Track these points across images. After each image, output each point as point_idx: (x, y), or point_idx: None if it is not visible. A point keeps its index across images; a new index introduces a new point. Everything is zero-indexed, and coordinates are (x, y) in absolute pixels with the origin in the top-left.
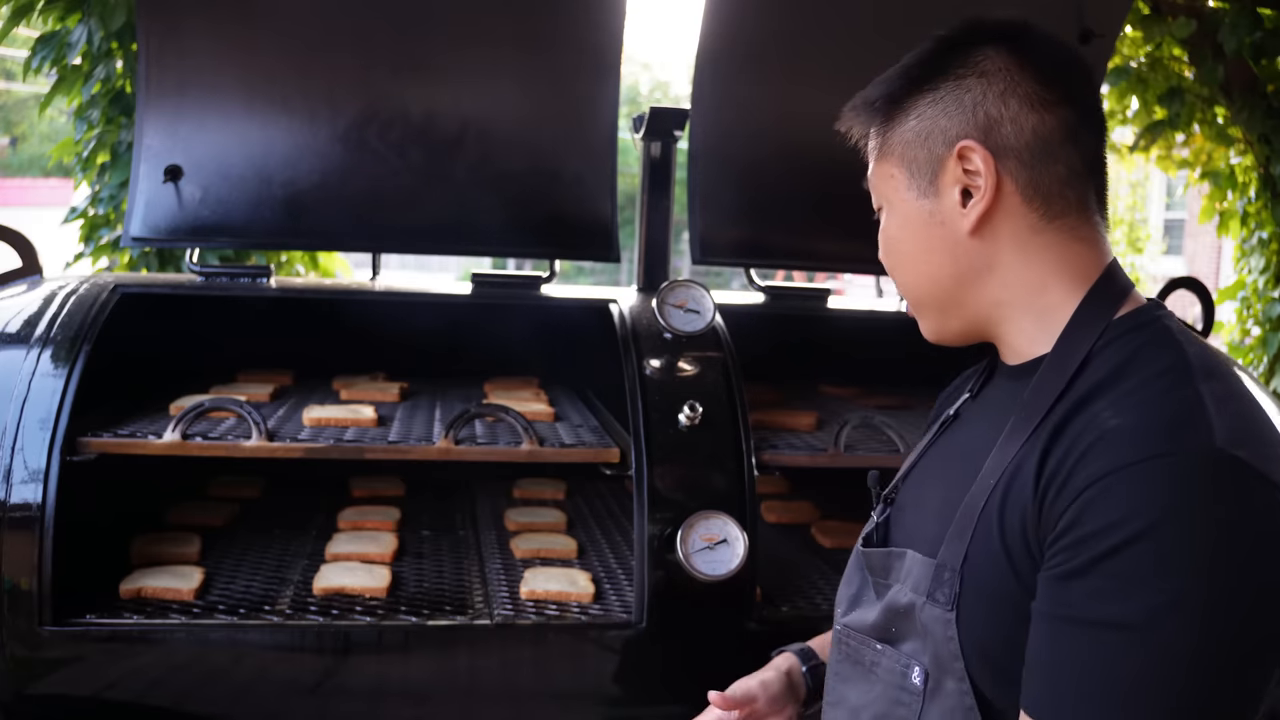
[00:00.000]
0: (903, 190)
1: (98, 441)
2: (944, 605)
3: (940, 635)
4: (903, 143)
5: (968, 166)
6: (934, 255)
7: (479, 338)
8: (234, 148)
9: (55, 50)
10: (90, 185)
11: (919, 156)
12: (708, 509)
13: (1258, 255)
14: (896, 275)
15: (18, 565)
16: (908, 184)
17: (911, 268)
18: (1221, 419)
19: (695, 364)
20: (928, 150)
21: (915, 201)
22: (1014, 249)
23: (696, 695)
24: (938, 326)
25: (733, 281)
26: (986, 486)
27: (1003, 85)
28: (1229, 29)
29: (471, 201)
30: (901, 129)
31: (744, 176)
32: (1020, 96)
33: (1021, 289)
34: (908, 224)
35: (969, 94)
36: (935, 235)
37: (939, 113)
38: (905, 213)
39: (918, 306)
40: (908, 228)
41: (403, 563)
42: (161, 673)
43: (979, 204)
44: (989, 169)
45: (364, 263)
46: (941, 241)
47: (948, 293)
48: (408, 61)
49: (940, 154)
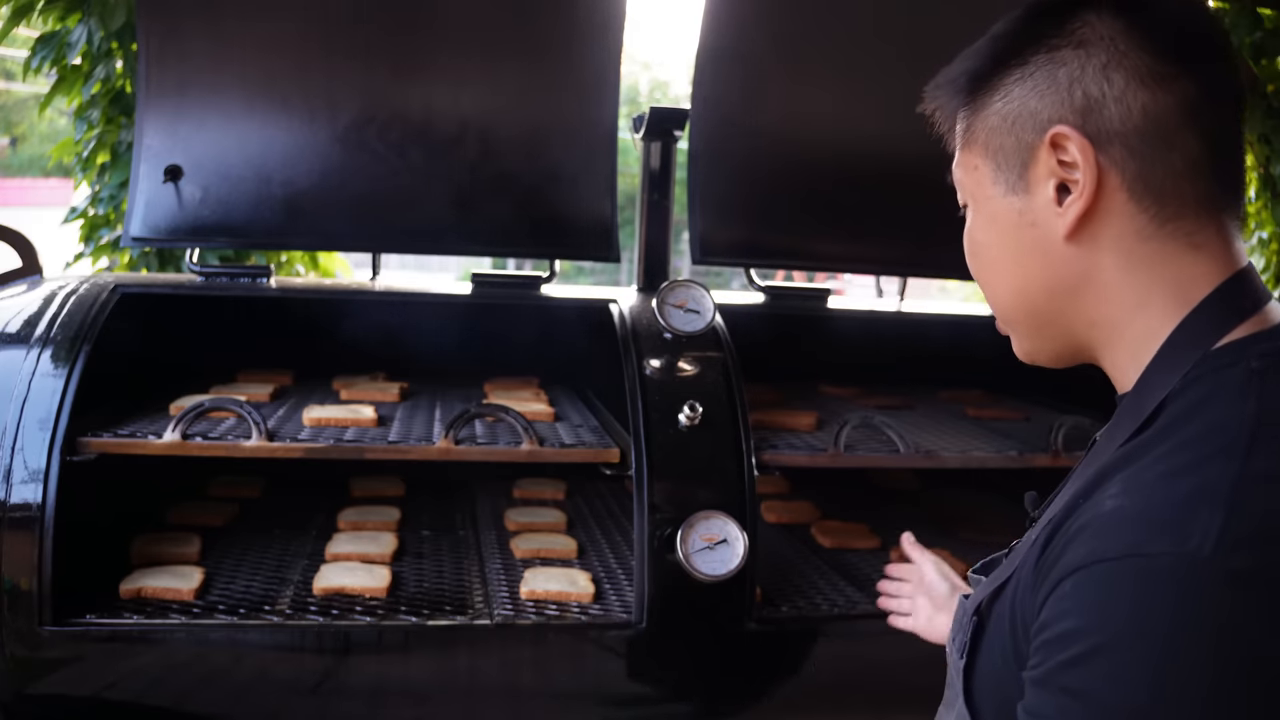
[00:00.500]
0: (988, 185)
1: (98, 441)
2: (957, 651)
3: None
4: (987, 129)
5: (1063, 157)
6: (1024, 263)
7: (479, 338)
8: (234, 148)
9: (55, 50)
10: (90, 185)
11: (1006, 145)
12: (708, 509)
13: (1258, 255)
14: (982, 285)
15: (18, 565)
16: (994, 177)
17: (998, 277)
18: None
19: (695, 364)
20: (1016, 137)
21: (1003, 198)
22: (1116, 258)
23: (696, 695)
24: (1030, 347)
25: (733, 281)
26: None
27: (1105, 57)
28: (1229, 29)
29: (471, 202)
30: (986, 112)
31: (744, 176)
32: (1128, 70)
33: (1120, 308)
34: (994, 225)
35: (1064, 68)
36: (1026, 239)
37: (1028, 92)
38: (992, 212)
39: (1007, 323)
40: (994, 230)
41: (403, 563)
42: (161, 673)
43: (1077, 202)
44: (1088, 160)
45: (364, 263)
46: (1034, 246)
47: (1038, 308)
48: (408, 61)
49: (1030, 141)
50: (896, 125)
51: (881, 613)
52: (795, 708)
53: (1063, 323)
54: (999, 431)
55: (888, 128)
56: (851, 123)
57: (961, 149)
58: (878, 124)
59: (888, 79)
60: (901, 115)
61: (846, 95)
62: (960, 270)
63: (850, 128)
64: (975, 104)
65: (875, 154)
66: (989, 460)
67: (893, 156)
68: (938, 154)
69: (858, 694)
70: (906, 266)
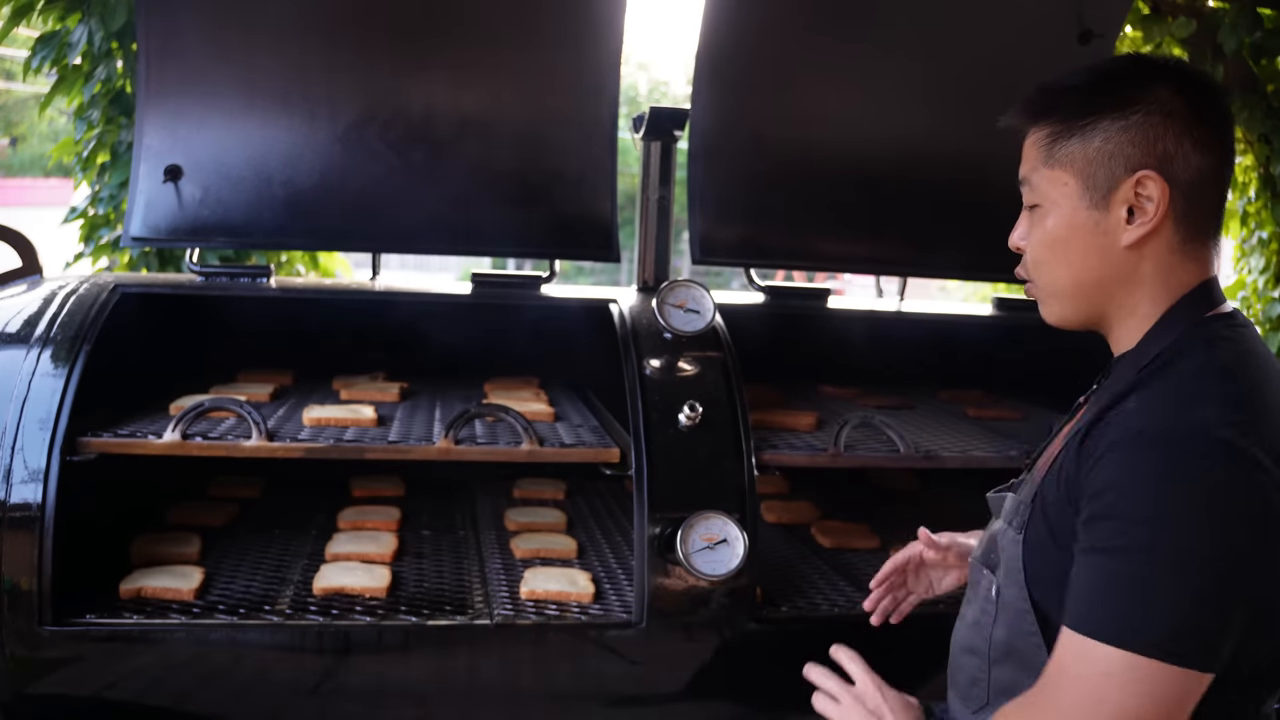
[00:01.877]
0: (1074, 198)
1: (98, 441)
2: (1016, 529)
3: (1012, 553)
4: (1085, 159)
5: (1141, 191)
6: (1088, 259)
7: (479, 338)
8: (234, 148)
9: (55, 50)
10: (90, 185)
11: (1098, 174)
12: (708, 509)
13: (1258, 255)
14: (1043, 268)
15: (18, 565)
16: (1080, 194)
17: (1062, 265)
18: (1217, 409)
19: (695, 364)
20: (1108, 170)
21: (1085, 210)
22: (1154, 264)
23: (696, 695)
24: (1061, 313)
25: (733, 281)
26: (1059, 446)
27: (1181, 126)
28: (1229, 29)
29: (471, 201)
30: (1085, 146)
31: (744, 176)
32: (1194, 139)
33: (1141, 296)
34: (1071, 228)
35: (1154, 129)
36: (1094, 242)
37: (1126, 141)
38: (1072, 218)
39: (1053, 295)
40: (1070, 231)
41: (403, 563)
42: (161, 673)
43: (1145, 225)
44: (1163, 198)
45: (364, 263)
46: (1099, 249)
47: (1085, 292)
48: (408, 61)
49: (1119, 176)
50: (897, 125)
51: None
52: (795, 708)
53: (1099, 301)
54: (999, 431)
55: (888, 128)
56: (851, 123)
57: (1050, 165)
58: (878, 124)
59: (888, 79)
60: (901, 115)
61: (846, 95)
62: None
63: (850, 128)
64: (1072, 136)
65: (875, 154)
66: (989, 460)
67: (893, 157)
68: (937, 155)
69: None
70: (906, 266)
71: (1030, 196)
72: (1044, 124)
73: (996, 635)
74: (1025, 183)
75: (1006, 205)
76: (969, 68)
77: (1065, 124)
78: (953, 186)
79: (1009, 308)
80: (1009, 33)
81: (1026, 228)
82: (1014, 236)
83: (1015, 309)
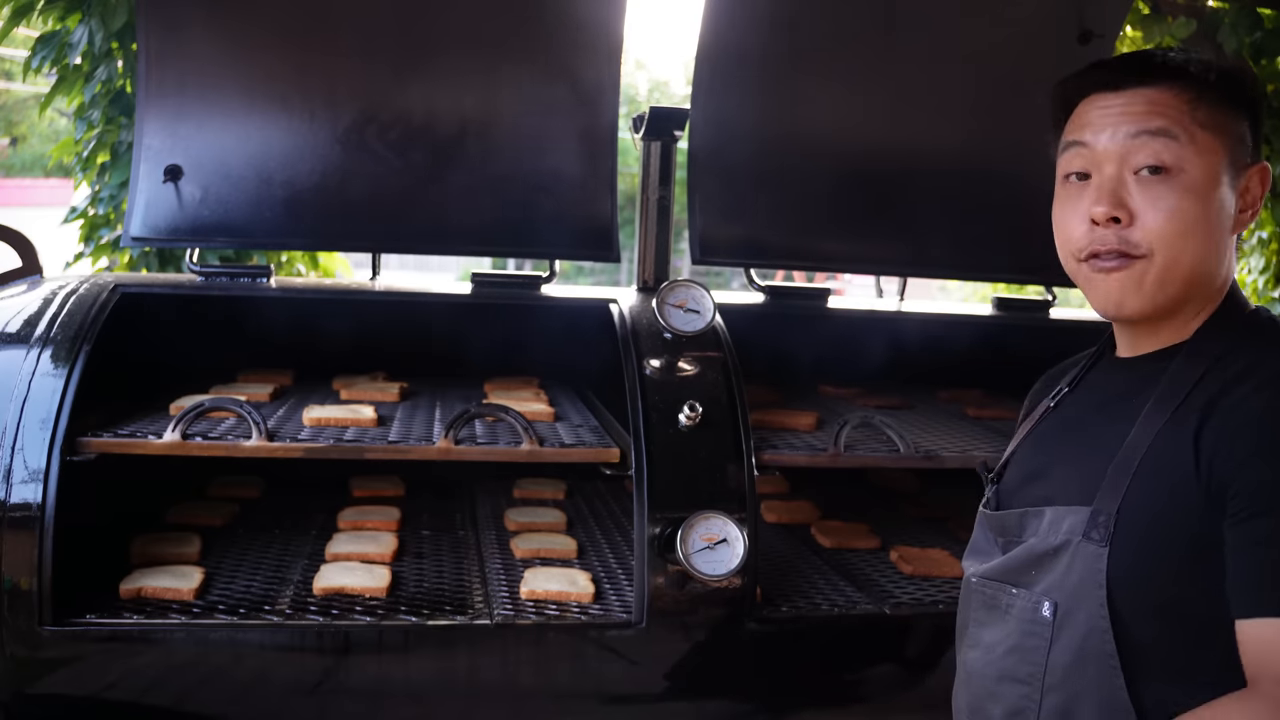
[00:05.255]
0: (1220, 172)
1: (98, 441)
2: (1099, 542)
3: (1090, 568)
4: (1234, 135)
5: (1249, 184)
6: (1213, 238)
7: (479, 338)
8: (234, 148)
9: (55, 50)
10: (90, 185)
11: (1238, 154)
12: (708, 509)
13: (1258, 255)
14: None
15: (18, 565)
16: (1223, 170)
17: (1193, 238)
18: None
19: (695, 364)
20: (1242, 153)
21: (1223, 187)
22: (1230, 257)
23: (696, 695)
24: (1154, 299)
25: (733, 281)
26: (1138, 450)
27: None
28: (1229, 29)
29: (471, 201)
30: (1233, 121)
31: (744, 176)
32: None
33: (1215, 289)
34: (1212, 202)
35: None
36: (1221, 221)
37: (1247, 131)
38: (1215, 193)
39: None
40: (1211, 204)
41: (403, 563)
42: (161, 673)
43: (1254, 217)
44: (1265, 192)
45: (364, 263)
46: (1221, 230)
47: (1192, 268)
48: (408, 61)
49: (1246, 164)
50: (897, 125)
51: (882, 613)
52: (795, 708)
53: (1194, 287)
54: (999, 431)
55: (888, 128)
56: (851, 123)
57: (1199, 126)
58: (878, 124)
59: (888, 79)
60: (902, 115)
61: (846, 95)
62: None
63: (850, 128)
64: (1221, 105)
65: (875, 154)
66: (989, 460)
67: (893, 157)
68: (937, 155)
69: (858, 694)
70: (906, 266)
71: (1169, 155)
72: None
73: (1056, 659)
74: (1160, 136)
75: (1007, 205)
76: (969, 68)
77: (1213, 96)
78: (953, 186)
79: (1009, 308)
80: (1009, 33)
81: (1140, 194)
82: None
83: (1015, 309)
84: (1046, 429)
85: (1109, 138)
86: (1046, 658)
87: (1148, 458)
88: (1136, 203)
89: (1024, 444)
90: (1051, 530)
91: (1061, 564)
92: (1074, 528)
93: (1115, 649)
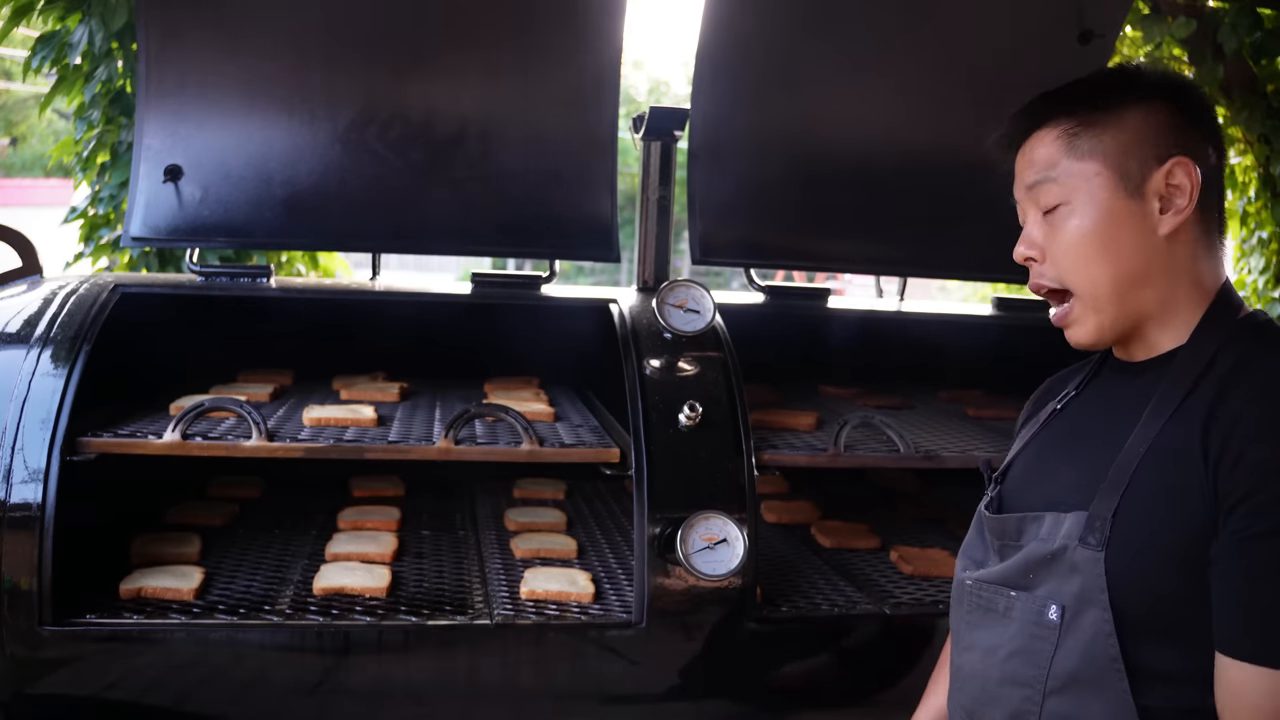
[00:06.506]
0: (1110, 189)
1: (98, 441)
2: (1095, 547)
3: (1090, 572)
4: (1117, 148)
5: (1172, 180)
6: (1125, 251)
7: (479, 338)
8: (234, 148)
9: (55, 50)
10: (90, 185)
11: (1131, 164)
12: (708, 509)
13: (1258, 255)
14: (1080, 270)
15: (18, 565)
16: (1116, 185)
17: (1104, 262)
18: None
19: (695, 364)
20: (1140, 159)
21: (1122, 201)
22: (1187, 256)
23: (696, 695)
24: (1100, 324)
25: (733, 281)
26: (1136, 454)
27: (1194, 118)
28: (1229, 29)
29: (471, 201)
30: (1116, 135)
31: (744, 176)
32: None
33: (1179, 293)
34: (1107, 220)
35: (1175, 119)
36: (1135, 233)
37: (1152, 130)
38: (1108, 210)
39: (1092, 301)
40: (1106, 223)
41: (403, 563)
42: (161, 673)
43: (1181, 213)
44: (1194, 184)
45: (364, 263)
46: (1140, 240)
47: (1123, 289)
48: (408, 61)
49: (1151, 165)
50: (897, 125)
51: (882, 613)
52: (795, 707)
53: (1142, 300)
54: (999, 431)
55: (888, 128)
56: (851, 123)
57: (1078, 158)
58: (878, 124)
59: (888, 79)
60: (902, 116)
61: (847, 95)
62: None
63: (850, 128)
64: (1100, 126)
65: (875, 154)
66: (992, 460)
67: (893, 157)
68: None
69: (858, 694)
70: (906, 266)
71: (1052, 196)
72: (1060, 121)
73: (1060, 664)
74: (1043, 183)
75: (1006, 205)
76: (969, 68)
77: (1088, 118)
78: (953, 186)
79: (1009, 308)
80: (1009, 32)
81: (1044, 233)
82: (1023, 247)
83: (1015, 309)
84: (1051, 433)
85: (1018, 189)
86: (1051, 661)
87: (1145, 462)
88: (1046, 241)
89: (1029, 446)
90: (1050, 535)
91: (1062, 568)
92: (1071, 532)
93: (1120, 652)
